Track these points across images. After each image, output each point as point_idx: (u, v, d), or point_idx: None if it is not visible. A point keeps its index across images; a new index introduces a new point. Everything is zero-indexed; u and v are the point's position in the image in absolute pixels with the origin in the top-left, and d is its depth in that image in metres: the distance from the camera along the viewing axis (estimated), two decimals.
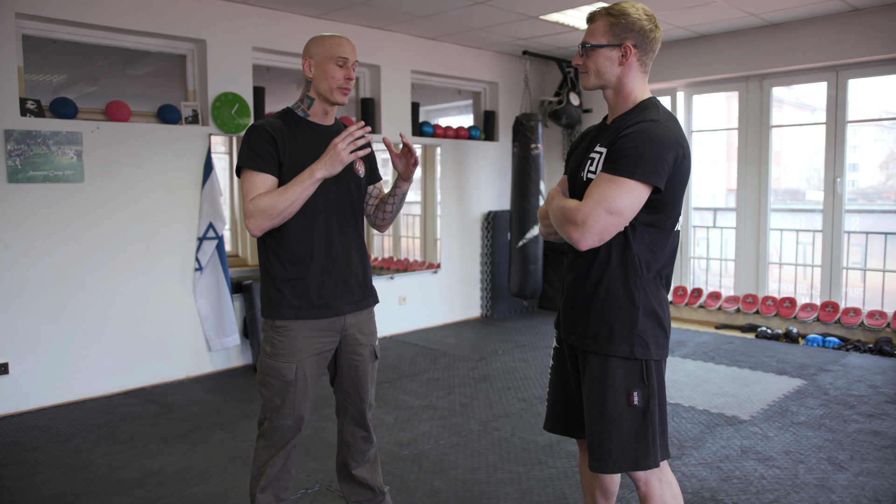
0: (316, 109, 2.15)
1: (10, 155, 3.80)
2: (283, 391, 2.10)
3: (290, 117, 2.14)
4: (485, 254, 6.61)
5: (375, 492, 2.37)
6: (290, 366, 2.09)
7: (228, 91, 4.68)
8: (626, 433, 1.77)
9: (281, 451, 2.14)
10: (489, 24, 5.47)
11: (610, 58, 1.82)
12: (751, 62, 5.71)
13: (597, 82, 1.87)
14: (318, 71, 2.08)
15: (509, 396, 4.11)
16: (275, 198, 1.98)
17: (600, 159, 1.79)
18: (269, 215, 1.98)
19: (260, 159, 2.03)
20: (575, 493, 2.80)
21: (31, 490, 2.90)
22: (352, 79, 2.11)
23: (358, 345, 2.23)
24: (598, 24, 1.84)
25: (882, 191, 6.32)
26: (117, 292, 4.26)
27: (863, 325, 5.34)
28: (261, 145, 2.04)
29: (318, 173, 1.99)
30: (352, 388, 2.26)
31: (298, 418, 2.13)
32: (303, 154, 2.08)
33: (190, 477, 3.01)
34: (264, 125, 2.07)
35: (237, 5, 4.73)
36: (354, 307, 2.20)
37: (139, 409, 3.97)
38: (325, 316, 2.13)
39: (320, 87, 2.10)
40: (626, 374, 1.78)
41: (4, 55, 3.80)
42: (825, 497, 2.73)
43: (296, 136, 2.09)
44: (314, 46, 2.11)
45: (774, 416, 3.69)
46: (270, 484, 2.15)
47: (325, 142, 2.10)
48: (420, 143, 6.10)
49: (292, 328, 2.09)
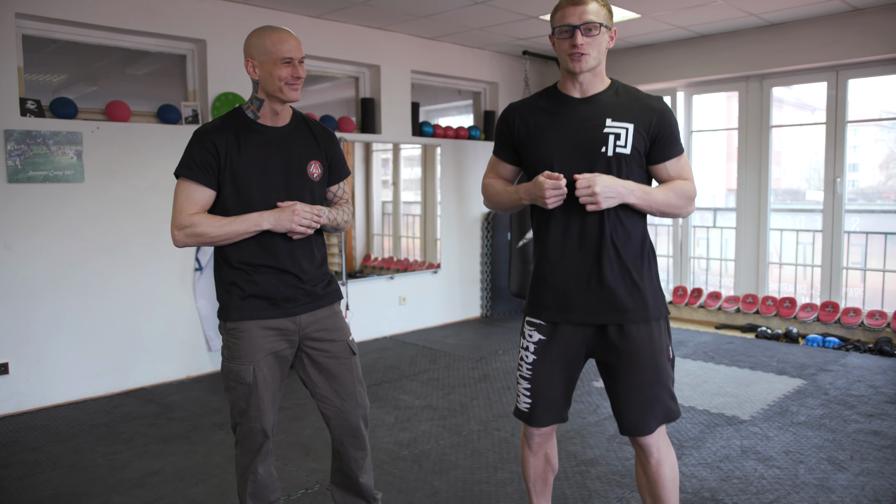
0: (265, 111, 2.05)
1: (10, 155, 3.81)
2: (245, 394, 2.04)
3: (240, 120, 2.05)
4: (485, 254, 6.61)
5: (369, 500, 2.29)
6: (248, 367, 2.02)
7: (228, 91, 4.68)
8: (668, 387, 1.95)
9: (258, 455, 2.10)
10: (489, 24, 5.47)
11: (605, 38, 1.87)
12: (751, 62, 5.71)
13: (595, 62, 1.86)
14: (263, 73, 1.98)
15: (509, 396, 4.11)
16: (213, 227, 1.94)
17: (628, 135, 1.85)
18: (200, 240, 1.96)
19: (198, 169, 1.96)
20: (575, 493, 2.80)
21: (31, 490, 2.90)
22: (300, 76, 2.00)
23: (324, 342, 2.14)
24: (593, 5, 1.83)
25: (882, 191, 6.32)
26: (117, 292, 4.26)
27: (863, 325, 5.33)
28: (201, 154, 1.97)
29: (264, 224, 1.95)
30: (328, 391, 2.15)
31: (266, 422, 2.07)
32: (248, 159, 2.00)
33: (190, 477, 3.01)
34: (208, 132, 2.00)
35: (237, 5, 4.73)
36: (309, 307, 2.11)
37: (139, 409, 3.97)
38: (275, 316, 2.06)
39: (268, 87, 2.00)
40: (663, 333, 1.95)
41: (4, 55, 3.80)
42: (825, 497, 2.73)
43: (240, 142, 2.01)
44: (254, 46, 1.99)
45: (774, 416, 3.69)
46: (259, 490, 2.12)
47: (274, 145, 2.04)
48: (420, 143, 6.10)
49: (244, 329, 2.03)
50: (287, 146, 2.07)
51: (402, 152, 6.23)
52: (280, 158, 2.05)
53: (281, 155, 2.05)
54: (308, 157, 2.10)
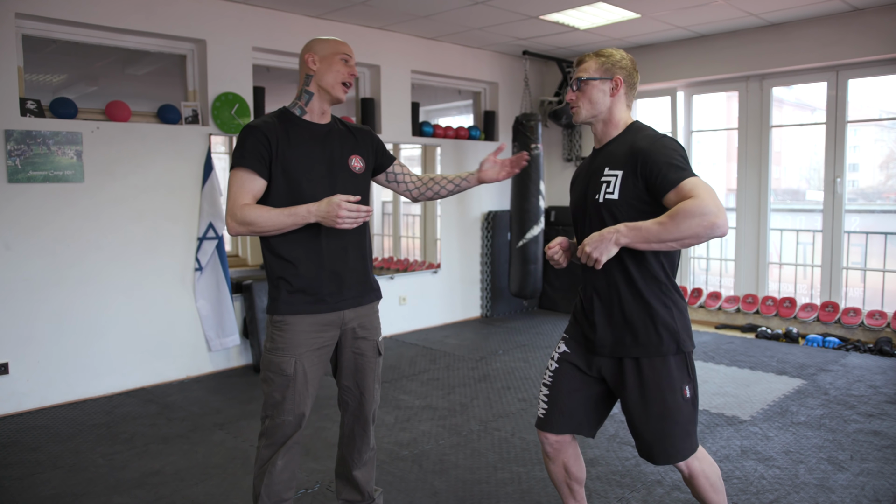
0: (314, 106, 2.17)
1: (10, 155, 3.81)
2: (282, 386, 2.10)
3: (286, 117, 2.15)
4: (485, 254, 6.61)
5: (364, 496, 2.38)
6: (290, 360, 2.10)
7: (228, 91, 4.68)
8: (682, 424, 1.96)
9: (281, 449, 2.14)
10: (489, 24, 5.47)
11: (602, 90, 2.03)
12: (751, 62, 5.71)
13: (589, 112, 2.05)
14: (323, 65, 2.12)
15: (509, 396, 4.11)
16: (263, 217, 2.01)
17: (617, 181, 1.94)
18: (251, 229, 2.03)
19: (251, 159, 2.05)
20: None
21: (31, 490, 2.90)
22: (355, 75, 2.16)
23: (359, 339, 2.25)
24: (589, 63, 2.06)
25: (882, 191, 6.32)
26: (117, 292, 4.26)
27: (863, 325, 5.34)
28: (253, 145, 2.06)
29: (311, 218, 2.01)
30: (352, 383, 2.27)
31: (299, 415, 2.13)
32: (296, 153, 2.10)
33: (190, 477, 3.01)
34: (258, 125, 2.09)
35: (237, 5, 4.73)
36: (353, 303, 2.21)
37: (139, 409, 3.97)
38: (322, 311, 2.14)
39: (324, 81, 2.13)
40: (678, 370, 1.96)
41: (4, 55, 3.80)
42: (825, 497, 2.74)
43: (290, 136, 2.10)
44: (317, 44, 2.16)
45: (774, 416, 3.69)
46: (274, 483, 2.15)
47: (317, 141, 2.14)
48: (420, 143, 6.10)
49: (290, 323, 2.11)
50: (329, 141, 2.18)
51: (402, 152, 6.23)
52: (323, 153, 2.15)
53: (324, 150, 2.16)
54: (349, 151, 2.21)
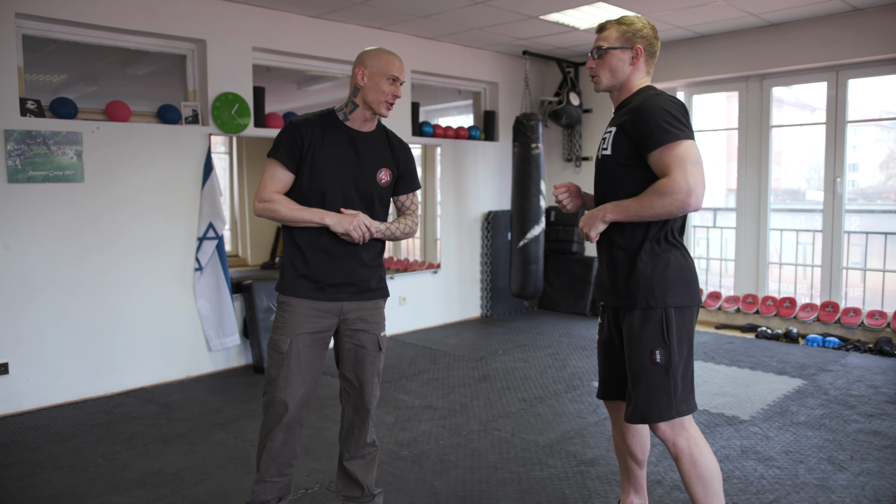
0: (356, 115, 2.28)
1: (10, 155, 3.80)
2: (278, 364, 2.24)
3: (329, 118, 2.28)
4: (485, 254, 6.61)
5: (364, 490, 2.44)
6: (286, 339, 2.23)
7: (228, 91, 4.68)
8: (650, 387, 2.00)
9: (277, 427, 2.25)
10: (489, 24, 5.47)
11: (622, 59, 2.08)
12: (751, 62, 5.71)
13: (609, 82, 2.11)
14: (370, 82, 2.22)
15: (509, 396, 4.11)
16: (286, 208, 2.20)
17: (610, 137, 2.05)
18: (273, 216, 2.22)
19: (284, 153, 2.21)
20: (575, 493, 2.80)
21: (31, 490, 2.90)
22: (399, 96, 2.26)
23: (358, 330, 2.33)
24: (610, 31, 2.09)
25: (882, 191, 6.32)
26: (117, 292, 4.26)
27: (863, 325, 5.34)
28: (288, 140, 2.22)
29: (326, 220, 2.19)
30: (352, 374, 2.36)
31: (291, 394, 2.23)
32: (328, 153, 2.23)
33: (190, 477, 3.01)
34: (298, 122, 2.25)
35: (237, 5, 4.73)
36: (354, 296, 2.31)
37: (139, 409, 3.97)
38: (322, 299, 2.26)
39: (368, 97, 2.24)
40: (649, 329, 2.00)
41: (4, 55, 3.80)
42: (825, 497, 2.74)
43: (325, 136, 2.24)
44: (370, 59, 2.24)
45: (774, 416, 3.69)
46: (273, 459, 2.28)
47: (353, 146, 2.27)
48: (420, 143, 6.10)
49: (292, 304, 2.26)
50: (365, 149, 2.30)
51: None
52: (356, 158, 2.28)
53: (358, 155, 2.28)
54: (381, 163, 2.32)
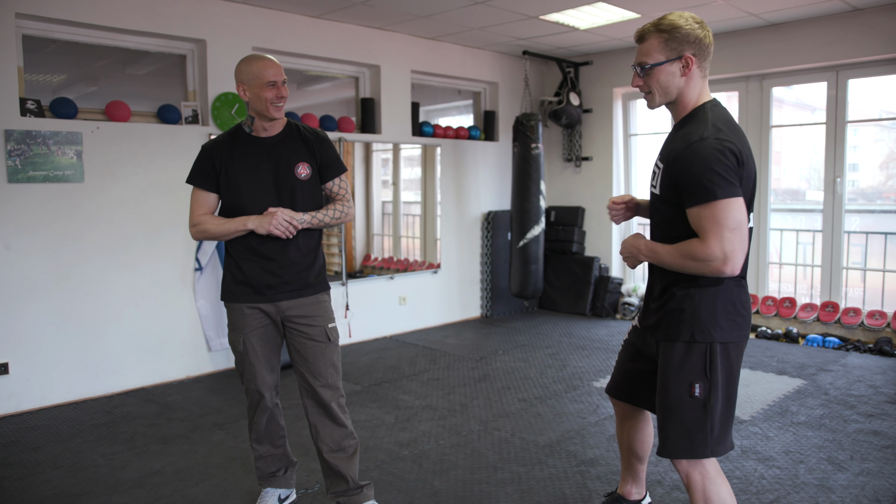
0: (257, 125, 2.42)
1: (10, 155, 3.80)
2: (240, 361, 2.48)
3: (237, 134, 2.44)
4: (485, 254, 6.61)
5: (349, 482, 2.51)
6: (239, 338, 2.45)
7: (228, 91, 4.68)
8: (683, 422, 1.84)
9: (258, 410, 2.52)
10: (489, 24, 5.47)
11: (672, 72, 1.81)
12: (751, 62, 5.71)
13: (663, 99, 1.85)
14: (252, 95, 2.34)
15: (509, 396, 4.11)
16: (213, 225, 2.38)
17: (660, 175, 1.84)
18: (205, 235, 2.40)
19: (200, 178, 2.42)
20: (575, 493, 2.80)
21: (31, 490, 2.90)
22: (284, 97, 2.35)
23: (302, 325, 2.46)
24: (651, 42, 1.81)
25: (882, 191, 6.32)
26: (117, 292, 4.26)
27: (863, 325, 5.33)
28: (201, 165, 2.42)
29: (249, 225, 2.33)
30: (303, 368, 2.48)
31: (260, 384, 2.48)
32: (240, 166, 2.39)
33: (190, 477, 3.01)
34: (207, 146, 2.44)
35: (237, 5, 4.73)
36: (293, 295, 2.44)
37: (139, 409, 3.97)
38: (257, 301, 2.43)
39: (256, 108, 2.36)
40: (690, 362, 1.81)
41: (4, 55, 3.80)
42: (825, 497, 2.74)
43: (235, 152, 2.40)
44: (243, 74, 2.35)
45: (774, 416, 3.69)
46: (262, 436, 2.58)
47: (264, 153, 2.41)
48: (420, 143, 6.10)
49: (234, 308, 2.46)
50: (276, 152, 2.42)
51: (402, 152, 6.23)
52: (269, 163, 2.40)
53: (270, 160, 2.41)
54: (296, 159, 2.43)
